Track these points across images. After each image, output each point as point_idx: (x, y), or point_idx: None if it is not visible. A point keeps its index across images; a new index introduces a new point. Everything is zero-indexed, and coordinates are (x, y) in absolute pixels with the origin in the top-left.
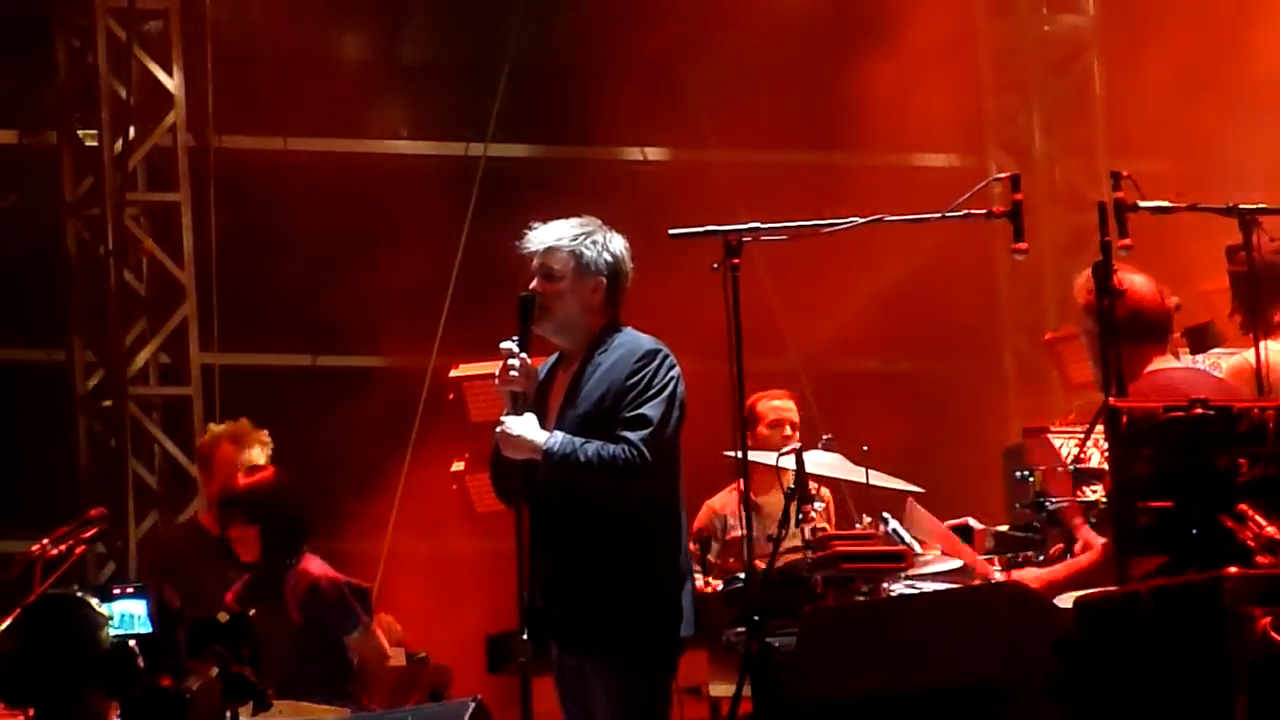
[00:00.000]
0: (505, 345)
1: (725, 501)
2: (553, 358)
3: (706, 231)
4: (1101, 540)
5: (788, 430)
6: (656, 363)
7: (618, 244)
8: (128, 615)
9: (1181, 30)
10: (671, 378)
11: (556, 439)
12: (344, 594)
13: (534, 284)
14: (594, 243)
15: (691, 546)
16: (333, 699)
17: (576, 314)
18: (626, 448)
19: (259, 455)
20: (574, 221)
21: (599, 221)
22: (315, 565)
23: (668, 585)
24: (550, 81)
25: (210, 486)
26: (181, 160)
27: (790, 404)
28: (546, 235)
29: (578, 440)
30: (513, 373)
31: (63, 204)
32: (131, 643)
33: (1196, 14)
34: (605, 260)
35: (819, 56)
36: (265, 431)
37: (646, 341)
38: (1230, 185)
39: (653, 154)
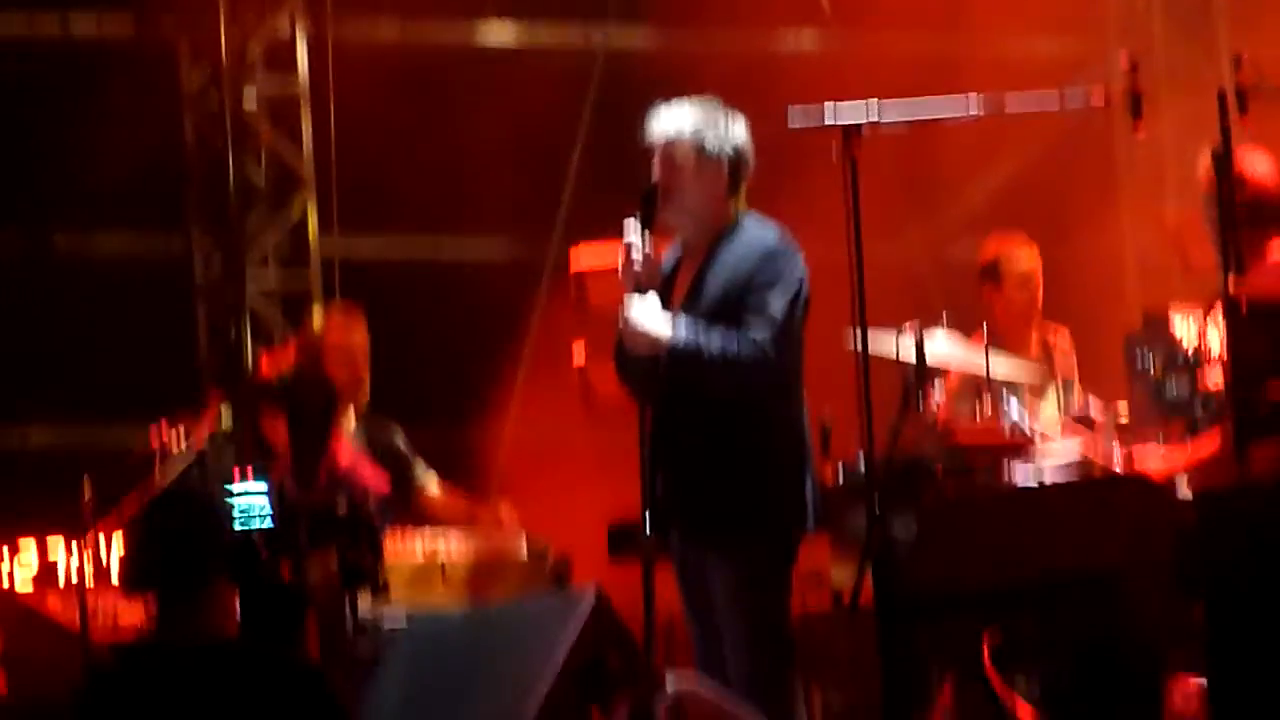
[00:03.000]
0: (629, 239)
1: None
2: (677, 248)
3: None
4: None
5: (1035, 284)
6: (782, 257)
7: (740, 131)
8: (249, 508)
9: None
10: (796, 272)
11: (681, 332)
12: (363, 484)
13: (656, 173)
14: (716, 131)
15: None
16: None
17: (700, 203)
18: (751, 343)
19: (363, 339)
20: (695, 109)
21: (720, 105)
22: (345, 454)
23: (788, 476)
24: None
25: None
26: (300, 49)
27: (1035, 254)
28: (668, 125)
29: (702, 334)
30: (636, 264)
31: (180, 95)
32: (254, 535)
33: None
34: (728, 150)
35: None
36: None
37: (771, 236)
38: None
39: (770, 44)
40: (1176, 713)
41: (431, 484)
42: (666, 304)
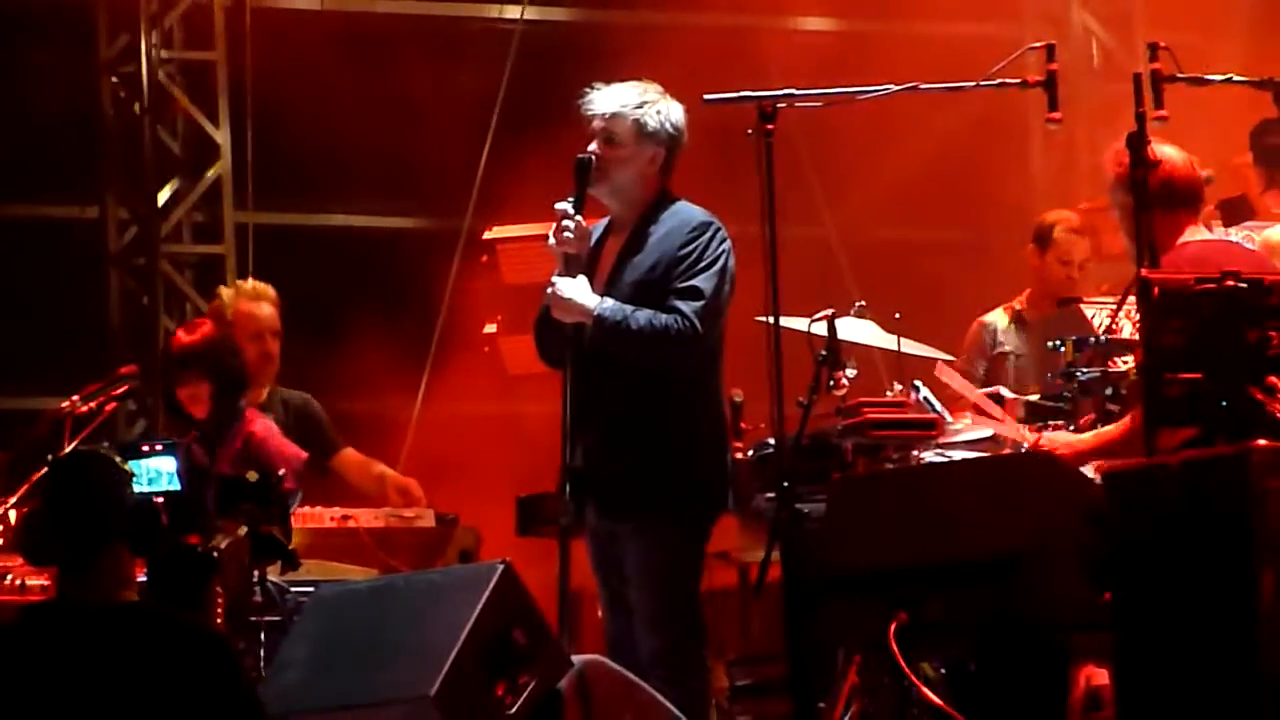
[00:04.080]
0: (561, 206)
1: (995, 317)
2: (603, 222)
3: (741, 97)
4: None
5: (1076, 273)
6: (709, 235)
7: (678, 114)
8: (156, 473)
9: None
10: (723, 251)
11: (608, 304)
12: (280, 452)
13: (593, 147)
14: (658, 112)
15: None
16: None
17: (633, 180)
18: (678, 318)
19: (271, 312)
20: (637, 87)
21: (660, 88)
22: (259, 424)
23: (709, 456)
24: None
25: None
26: (218, 18)
27: (1086, 241)
28: (610, 100)
29: (629, 308)
30: (567, 234)
31: (98, 62)
32: (157, 500)
33: None
34: (667, 131)
35: None
36: (272, 288)
37: (699, 214)
38: (1267, 59)
39: (689, 19)
40: (1083, 698)
41: (348, 450)
42: (593, 276)
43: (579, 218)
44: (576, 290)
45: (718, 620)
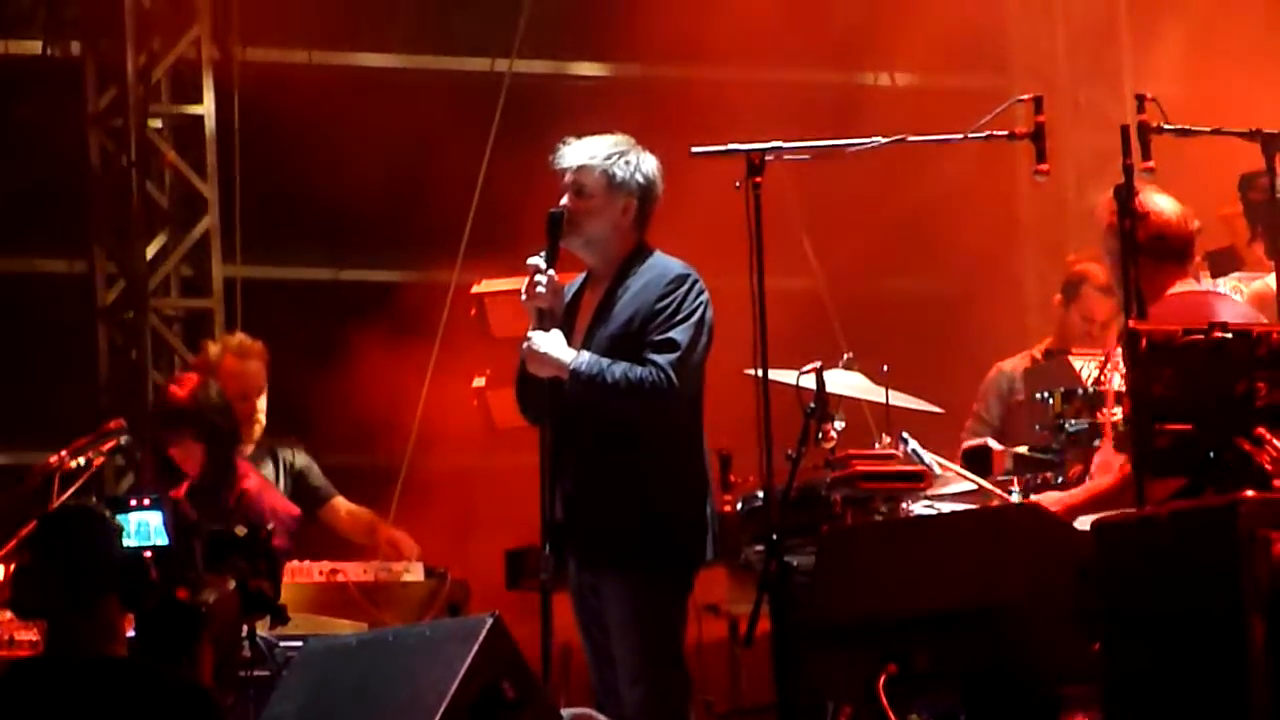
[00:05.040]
0: (533, 261)
1: (1015, 364)
2: (580, 277)
3: (729, 150)
4: (1118, 460)
5: (1097, 332)
6: (686, 287)
7: (650, 164)
8: (144, 526)
9: None
10: (701, 303)
11: (584, 358)
12: (273, 508)
13: (564, 200)
14: (627, 162)
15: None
16: None
17: (606, 232)
18: (654, 371)
19: (259, 369)
20: (608, 140)
21: (632, 140)
22: (252, 479)
23: (688, 505)
24: None
25: None
26: (205, 72)
27: (1111, 300)
28: (580, 153)
29: (605, 361)
30: (539, 289)
31: (86, 116)
32: (146, 554)
33: None
34: (637, 181)
35: None
36: (261, 343)
37: (676, 265)
38: (1254, 111)
39: (677, 72)
40: None
41: (337, 500)
42: (570, 330)
43: (551, 272)
44: (551, 344)
45: (707, 673)
